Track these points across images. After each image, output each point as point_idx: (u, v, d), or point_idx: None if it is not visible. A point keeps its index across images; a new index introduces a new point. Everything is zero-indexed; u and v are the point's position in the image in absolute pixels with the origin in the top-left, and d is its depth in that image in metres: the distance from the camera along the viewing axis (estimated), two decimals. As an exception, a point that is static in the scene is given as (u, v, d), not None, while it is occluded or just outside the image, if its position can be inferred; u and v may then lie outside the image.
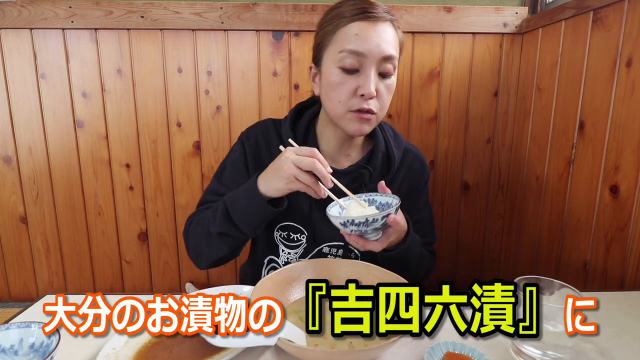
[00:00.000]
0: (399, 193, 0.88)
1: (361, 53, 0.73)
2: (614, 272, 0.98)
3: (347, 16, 0.75)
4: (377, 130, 0.89)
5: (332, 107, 0.80)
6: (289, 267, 0.69)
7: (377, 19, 0.75)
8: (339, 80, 0.76)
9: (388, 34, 0.76)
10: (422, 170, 0.94)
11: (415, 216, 0.91)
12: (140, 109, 1.44)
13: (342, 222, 0.66)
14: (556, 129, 1.20)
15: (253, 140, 0.89)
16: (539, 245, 1.29)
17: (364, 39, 0.73)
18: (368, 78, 0.74)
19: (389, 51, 0.75)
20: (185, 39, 1.40)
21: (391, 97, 0.81)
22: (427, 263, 0.90)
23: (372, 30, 0.74)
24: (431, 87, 1.45)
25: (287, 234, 0.88)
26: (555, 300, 0.58)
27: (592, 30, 1.04)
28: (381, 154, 0.87)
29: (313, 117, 0.90)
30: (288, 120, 0.87)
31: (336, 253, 0.88)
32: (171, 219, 1.52)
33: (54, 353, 0.50)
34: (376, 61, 0.74)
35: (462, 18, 1.38)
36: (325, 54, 0.79)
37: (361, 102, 0.76)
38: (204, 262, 0.85)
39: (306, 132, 0.88)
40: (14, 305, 1.53)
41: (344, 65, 0.75)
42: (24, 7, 1.34)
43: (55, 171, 1.47)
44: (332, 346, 0.56)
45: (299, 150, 0.69)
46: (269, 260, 0.92)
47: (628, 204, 0.93)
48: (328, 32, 0.78)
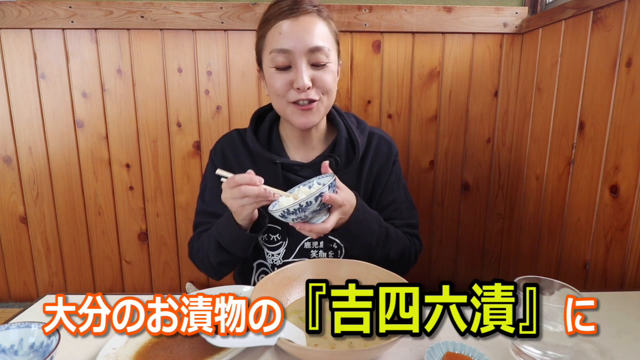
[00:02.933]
0: (368, 177, 0.90)
1: (286, 50, 0.76)
2: (614, 272, 0.98)
3: (272, 18, 0.79)
4: (337, 120, 0.90)
5: (276, 104, 0.83)
6: (289, 267, 0.69)
7: (299, 14, 0.77)
8: (275, 78, 0.79)
9: (313, 25, 0.77)
10: (390, 150, 0.93)
11: (389, 197, 0.91)
12: (140, 109, 1.44)
13: (279, 214, 0.67)
14: (556, 129, 1.20)
15: (220, 155, 0.92)
16: (539, 245, 1.29)
17: (287, 36, 0.76)
18: (299, 72, 0.76)
19: (314, 42, 0.76)
20: (185, 39, 1.40)
21: (335, 83, 0.83)
22: (402, 244, 0.87)
23: (295, 25, 0.77)
24: (431, 87, 1.45)
25: (267, 236, 0.89)
26: (555, 300, 0.58)
27: (592, 30, 1.04)
28: (344, 140, 0.88)
29: (274, 120, 0.92)
30: (250, 128, 0.90)
31: (318, 246, 0.88)
32: (171, 219, 1.52)
33: (54, 353, 0.50)
34: (304, 54, 0.76)
35: (462, 18, 1.39)
36: (263, 58, 0.83)
37: (298, 95, 0.78)
38: (215, 278, 0.91)
39: (269, 135, 0.91)
40: (14, 305, 1.53)
41: (276, 64, 0.78)
42: (24, 7, 1.34)
43: (55, 171, 1.47)
44: (332, 346, 0.56)
45: (226, 184, 0.72)
46: (258, 264, 0.93)
47: (628, 204, 0.93)
48: (260, 36, 0.83)
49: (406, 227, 0.91)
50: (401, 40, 1.41)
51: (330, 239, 0.88)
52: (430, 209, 1.53)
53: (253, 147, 0.87)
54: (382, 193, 0.92)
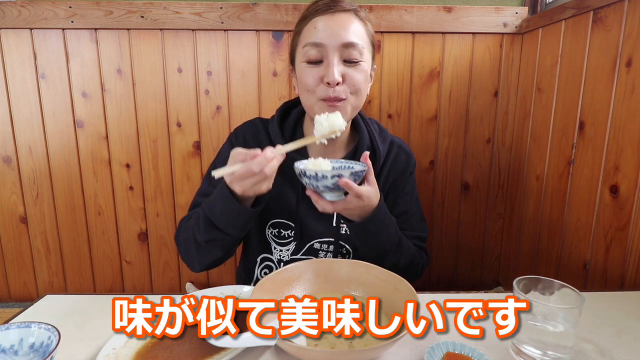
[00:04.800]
0: (384, 186, 0.90)
1: (319, 43, 0.76)
2: (614, 272, 0.98)
3: (309, 15, 0.80)
4: (361, 126, 0.89)
5: (304, 99, 0.82)
6: (289, 267, 0.69)
7: (336, 10, 0.78)
8: (306, 72, 0.79)
9: (349, 23, 0.78)
10: (408, 161, 0.93)
11: (402, 207, 0.91)
12: (140, 109, 1.44)
13: (298, 172, 0.69)
14: (556, 129, 1.20)
15: (242, 140, 0.90)
16: (539, 245, 1.29)
17: (322, 29, 0.77)
18: (330, 66, 0.76)
19: (348, 38, 0.76)
20: (185, 39, 1.40)
21: (366, 84, 0.82)
22: (412, 254, 0.86)
23: (330, 20, 0.77)
24: (431, 87, 1.45)
25: (278, 231, 0.88)
26: (555, 300, 0.58)
27: (592, 30, 1.04)
28: (366, 147, 0.87)
29: (300, 116, 0.91)
30: (275, 120, 0.88)
31: (327, 249, 0.88)
32: (171, 219, 1.52)
33: (54, 353, 0.50)
34: (337, 49, 0.76)
35: (462, 18, 1.39)
36: (296, 54, 0.83)
37: (327, 90, 0.77)
38: (197, 267, 0.85)
39: (293, 132, 0.89)
40: (14, 305, 1.53)
41: (308, 58, 0.78)
42: (24, 7, 1.34)
43: (55, 171, 1.47)
44: (332, 346, 0.56)
45: (239, 177, 0.67)
46: (262, 259, 0.92)
47: (628, 204, 0.93)
48: (296, 33, 0.83)
49: (416, 239, 0.91)
50: (401, 40, 1.41)
51: (340, 244, 0.88)
52: (430, 209, 1.53)
53: (276, 141, 0.85)
54: (394, 202, 0.91)
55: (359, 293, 0.69)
